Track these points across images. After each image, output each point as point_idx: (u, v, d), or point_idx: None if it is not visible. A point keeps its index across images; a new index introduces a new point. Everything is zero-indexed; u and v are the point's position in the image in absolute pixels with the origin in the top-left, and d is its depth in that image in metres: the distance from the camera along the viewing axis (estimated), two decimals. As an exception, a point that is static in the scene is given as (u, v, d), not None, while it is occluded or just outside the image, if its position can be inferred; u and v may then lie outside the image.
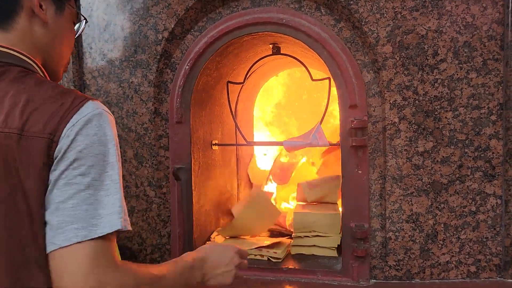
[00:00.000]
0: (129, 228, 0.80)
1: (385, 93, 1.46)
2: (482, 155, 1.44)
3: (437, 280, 1.48)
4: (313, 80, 1.80)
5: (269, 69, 2.21)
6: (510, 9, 1.39)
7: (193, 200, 1.65)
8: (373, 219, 1.50)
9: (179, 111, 1.63)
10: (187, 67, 1.61)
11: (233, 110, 1.97)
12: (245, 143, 1.87)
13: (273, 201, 1.79)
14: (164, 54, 1.66)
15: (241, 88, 2.10)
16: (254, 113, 2.49)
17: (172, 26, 1.62)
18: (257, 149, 2.46)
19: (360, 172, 1.49)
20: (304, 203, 1.92)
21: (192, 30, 1.65)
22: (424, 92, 1.44)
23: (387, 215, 1.48)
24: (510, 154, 1.42)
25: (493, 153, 1.44)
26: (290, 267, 1.57)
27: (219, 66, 1.74)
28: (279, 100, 2.60)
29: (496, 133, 1.43)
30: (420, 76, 1.44)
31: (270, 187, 2.20)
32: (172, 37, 1.64)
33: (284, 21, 1.52)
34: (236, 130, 2.12)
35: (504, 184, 1.44)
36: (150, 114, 1.68)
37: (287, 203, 2.59)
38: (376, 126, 1.49)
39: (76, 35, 1.02)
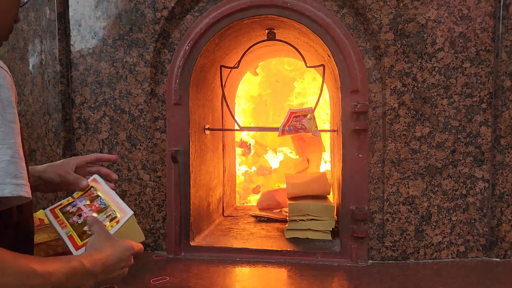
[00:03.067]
0: (25, 194, 0.74)
1: (386, 79, 1.51)
2: (473, 141, 1.53)
3: (430, 260, 1.55)
4: (307, 66, 1.83)
5: (256, 56, 2.22)
6: (501, 3, 1.48)
7: (190, 183, 1.63)
8: (372, 201, 1.55)
9: (177, 92, 1.61)
10: (187, 47, 1.59)
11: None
12: (238, 128, 1.86)
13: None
14: (163, 34, 1.62)
15: (229, 74, 2.09)
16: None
17: (172, 5, 1.59)
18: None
19: (360, 155, 1.54)
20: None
21: (192, 10, 1.62)
22: (422, 79, 1.51)
23: (385, 197, 1.54)
24: (498, 140, 1.52)
25: (482, 139, 1.53)
26: (289, 249, 1.59)
27: (215, 49, 1.73)
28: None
29: (486, 120, 1.52)
30: (419, 63, 1.50)
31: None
32: (171, 16, 1.61)
33: (288, 4, 1.53)
34: (222, 116, 2.12)
35: (492, 168, 1.53)
36: (146, 95, 1.64)
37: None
38: (376, 111, 1.54)
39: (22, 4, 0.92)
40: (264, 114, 2.89)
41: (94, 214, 1.07)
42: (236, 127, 1.93)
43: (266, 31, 1.82)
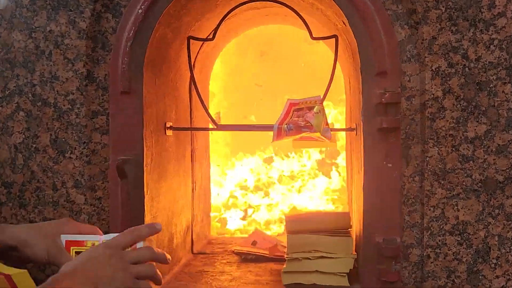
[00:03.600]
0: None
1: (425, 57, 1.37)
2: (547, 143, 1.39)
3: (487, 313, 1.39)
4: (313, 38, 1.71)
5: (239, 23, 2.10)
6: None
7: (145, 209, 1.44)
8: (406, 230, 1.41)
9: (126, 76, 1.43)
10: (140, 11, 1.41)
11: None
12: (214, 127, 1.67)
13: None
14: (104, -9, 1.44)
15: (200, 48, 1.94)
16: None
17: None
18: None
19: (390, 165, 1.40)
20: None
21: (146, -43, 1.44)
22: (476, 57, 1.37)
23: (425, 224, 1.39)
24: None
25: (560, 141, 1.39)
26: (288, 301, 1.40)
27: (182, 14, 1.57)
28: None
29: None
30: (471, 35, 1.36)
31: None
32: (116, -35, 1.42)
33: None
34: (191, 109, 1.97)
35: None
36: (80, 79, 1.46)
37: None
38: (411, 103, 1.40)
39: None
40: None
41: None
42: (211, 125, 1.76)
43: (254, -13, 1.67)
